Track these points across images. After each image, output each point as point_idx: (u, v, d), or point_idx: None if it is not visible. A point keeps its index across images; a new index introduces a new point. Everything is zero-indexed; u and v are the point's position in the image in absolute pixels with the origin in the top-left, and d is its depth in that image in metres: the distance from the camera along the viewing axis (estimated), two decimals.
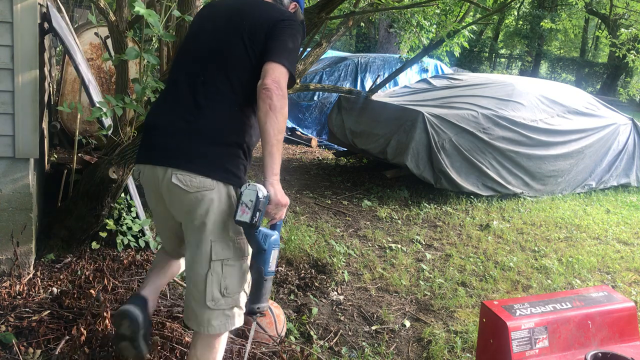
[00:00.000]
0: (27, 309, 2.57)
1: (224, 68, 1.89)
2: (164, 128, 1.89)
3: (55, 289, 2.82)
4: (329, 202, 5.19)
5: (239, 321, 1.91)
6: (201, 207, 1.80)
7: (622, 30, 9.10)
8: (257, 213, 1.71)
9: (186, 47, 2.05)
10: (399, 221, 4.83)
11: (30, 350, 2.29)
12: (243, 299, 1.91)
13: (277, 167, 1.77)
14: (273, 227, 1.87)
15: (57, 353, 2.25)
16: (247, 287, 1.92)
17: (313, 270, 3.59)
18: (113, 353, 2.25)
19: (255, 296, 1.85)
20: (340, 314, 3.11)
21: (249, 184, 1.75)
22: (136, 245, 3.37)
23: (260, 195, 1.71)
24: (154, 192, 1.95)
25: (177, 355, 2.31)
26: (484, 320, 2.20)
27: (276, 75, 1.78)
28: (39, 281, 2.87)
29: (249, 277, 1.91)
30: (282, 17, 1.92)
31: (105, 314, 2.37)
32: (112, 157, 2.99)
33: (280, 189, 1.80)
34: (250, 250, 1.90)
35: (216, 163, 1.81)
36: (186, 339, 2.40)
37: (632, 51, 8.65)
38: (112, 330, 2.34)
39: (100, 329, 2.34)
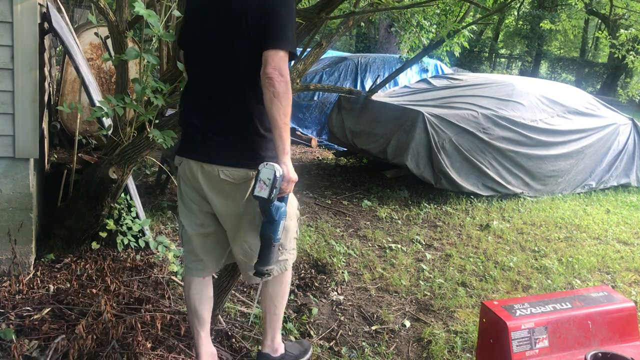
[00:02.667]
0: (28, 308, 2.57)
1: (231, 61, 1.97)
2: (199, 127, 2.04)
3: (54, 288, 2.82)
4: (329, 202, 5.19)
5: (291, 259, 2.23)
6: (243, 193, 2.03)
7: (622, 31, 9.10)
8: (274, 190, 1.90)
9: (191, 41, 2.10)
10: (399, 221, 4.83)
11: (26, 341, 2.29)
12: (289, 243, 2.19)
13: (288, 147, 1.92)
14: (281, 199, 2.02)
15: (52, 350, 2.25)
16: (294, 233, 2.22)
17: (313, 270, 3.59)
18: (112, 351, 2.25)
19: (264, 260, 2.03)
20: (340, 314, 3.11)
21: (266, 164, 1.91)
22: (136, 245, 3.37)
23: (277, 174, 1.90)
24: (192, 183, 2.12)
25: (177, 352, 2.31)
26: (484, 320, 2.20)
27: (276, 62, 1.86)
28: (39, 281, 2.87)
29: (292, 226, 2.18)
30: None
31: (105, 313, 2.37)
32: (112, 157, 2.99)
33: (291, 167, 1.96)
34: (293, 211, 2.17)
35: (252, 154, 2.00)
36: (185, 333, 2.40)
37: (631, 52, 8.66)
38: (112, 327, 2.34)
39: (100, 328, 2.34)
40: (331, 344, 2.78)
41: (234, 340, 2.61)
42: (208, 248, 2.23)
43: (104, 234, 3.30)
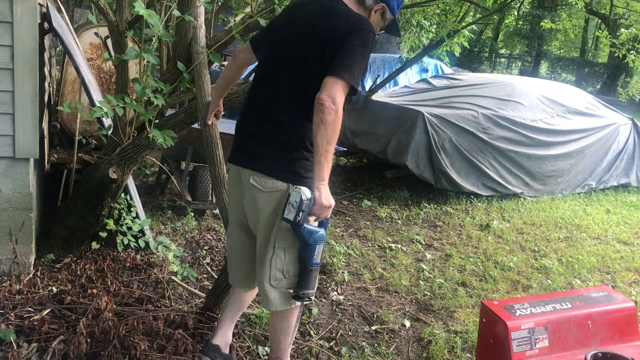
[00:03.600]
0: (28, 308, 2.57)
1: (296, 78, 2.02)
2: (247, 134, 2.14)
3: (55, 289, 2.82)
4: None
5: (298, 301, 2.11)
6: (272, 203, 2.02)
7: (622, 30, 9.10)
8: (301, 213, 1.91)
9: (266, 57, 2.19)
10: (399, 221, 4.83)
11: (26, 344, 2.29)
12: (291, 285, 2.10)
13: (325, 174, 1.92)
14: (320, 224, 2.02)
15: (50, 351, 2.25)
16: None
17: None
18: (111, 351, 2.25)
19: (301, 283, 2.04)
20: (340, 314, 3.11)
21: (295, 187, 1.94)
22: (136, 245, 3.36)
23: (303, 197, 1.90)
24: (235, 193, 2.22)
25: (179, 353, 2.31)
26: (484, 320, 2.20)
27: (332, 90, 1.87)
28: (39, 281, 2.87)
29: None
30: (353, 26, 1.95)
31: (106, 310, 2.37)
32: (112, 157, 2.99)
33: (327, 192, 1.94)
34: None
35: (287, 167, 2.02)
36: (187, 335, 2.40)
37: (632, 51, 8.65)
38: (112, 327, 2.34)
39: (99, 327, 2.34)
40: (331, 344, 2.78)
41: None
42: (244, 257, 2.28)
43: (104, 234, 3.29)
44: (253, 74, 2.97)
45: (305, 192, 1.90)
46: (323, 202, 1.92)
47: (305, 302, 2.13)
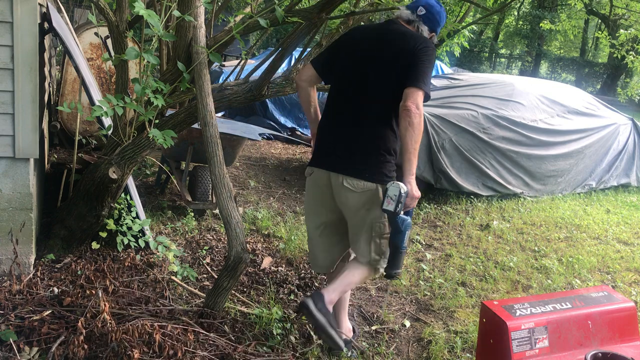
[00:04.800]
0: (28, 309, 2.57)
1: (374, 93, 2.39)
2: (336, 143, 2.47)
3: (55, 289, 2.82)
4: None
5: (383, 265, 2.51)
6: (365, 201, 2.40)
7: (621, 31, 9.10)
8: (399, 204, 2.27)
9: (340, 73, 2.53)
10: None
11: (27, 348, 2.29)
12: (384, 261, 2.52)
13: (414, 169, 2.32)
14: (407, 213, 2.36)
15: (52, 352, 2.25)
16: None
17: (313, 270, 3.59)
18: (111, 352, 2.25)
19: (392, 264, 2.43)
20: None
21: (393, 182, 2.31)
22: (136, 245, 3.36)
23: (402, 191, 2.27)
24: (321, 190, 2.54)
25: (178, 354, 2.31)
26: (484, 320, 2.20)
27: (415, 98, 2.26)
28: (39, 281, 2.87)
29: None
30: (419, 45, 2.36)
31: (104, 312, 2.37)
32: (112, 157, 2.99)
33: (415, 185, 2.33)
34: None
35: (374, 169, 2.39)
36: (186, 338, 2.40)
37: (631, 52, 8.65)
38: (112, 327, 2.34)
39: (99, 327, 2.34)
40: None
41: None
42: (325, 247, 2.63)
43: (104, 234, 3.29)
44: (252, 74, 3.04)
45: (402, 187, 2.27)
46: (414, 194, 2.32)
47: (394, 279, 2.57)
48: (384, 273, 2.49)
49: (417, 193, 2.33)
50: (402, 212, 2.30)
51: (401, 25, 2.49)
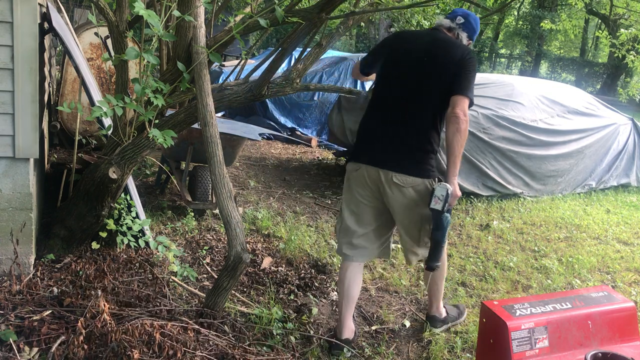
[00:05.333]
0: (28, 309, 2.57)
1: (421, 95, 2.59)
2: (382, 141, 2.64)
3: (55, 289, 2.82)
4: (329, 202, 5.18)
5: (444, 253, 2.77)
6: (413, 195, 2.59)
7: (622, 30, 9.10)
8: (446, 203, 2.48)
9: (389, 73, 2.71)
10: None
11: (27, 349, 2.29)
12: (445, 240, 2.69)
13: (457, 171, 2.55)
14: (448, 211, 2.54)
15: (52, 352, 2.25)
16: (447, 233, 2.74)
17: (313, 270, 3.59)
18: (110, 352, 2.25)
19: (433, 257, 2.62)
20: None
21: (439, 183, 2.52)
22: (136, 245, 3.36)
23: (448, 191, 2.48)
24: (367, 185, 2.68)
25: (177, 354, 2.31)
26: (484, 320, 2.20)
27: (462, 105, 2.49)
28: (39, 281, 2.87)
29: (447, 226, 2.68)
30: (465, 56, 2.57)
31: (104, 312, 2.37)
32: (112, 157, 2.99)
33: (457, 185, 2.55)
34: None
35: (420, 165, 2.59)
36: (186, 338, 2.40)
37: (631, 52, 8.65)
38: (112, 327, 2.34)
39: (99, 327, 2.34)
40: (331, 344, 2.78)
41: None
42: (369, 239, 2.76)
43: (104, 234, 3.29)
44: (252, 74, 3.05)
45: (448, 187, 2.48)
46: (457, 193, 2.54)
47: (434, 270, 2.76)
48: (425, 266, 2.72)
49: (459, 193, 2.56)
50: (447, 210, 2.52)
51: (445, 33, 2.71)
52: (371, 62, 2.86)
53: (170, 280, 3.09)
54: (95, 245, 3.27)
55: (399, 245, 4.22)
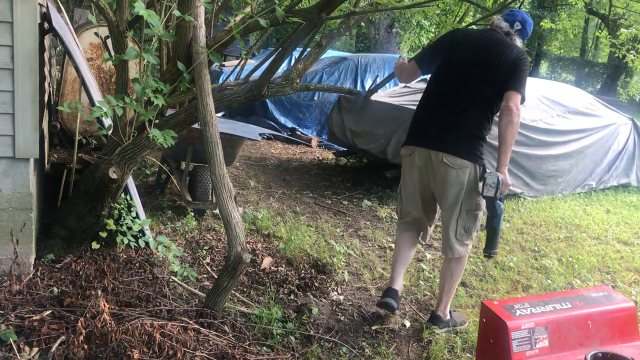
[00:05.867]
0: (28, 309, 2.57)
1: (475, 87, 2.82)
2: (436, 125, 2.88)
3: (55, 289, 2.82)
4: (329, 202, 5.19)
5: (469, 249, 3.00)
6: (459, 177, 2.80)
7: (622, 30, 9.10)
8: (498, 191, 2.68)
9: (446, 68, 2.93)
10: None
11: (27, 349, 2.29)
12: (474, 235, 2.97)
13: (507, 161, 2.75)
14: (500, 199, 2.74)
15: (52, 352, 2.25)
16: (476, 230, 2.97)
17: (313, 270, 3.59)
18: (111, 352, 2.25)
19: (491, 244, 2.85)
20: (340, 314, 3.11)
21: (490, 172, 2.71)
22: (136, 245, 3.36)
23: (499, 179, 2.68)
24: (420, 167, 2.93)
25: (177, 354, 2.31)
26: (484, 320, 2.20)
27: (515, 100, 2.71)
28: (39, 281, 2.87)
29: (478, 223, 2.95)
30: (519, 56, 2.80)
31: (104, 312, 2.37)
32: (112, 157, 2.99)
33: (507, 174, 2.77)
34: (482, 205, 2.89)
35: (470, 150, 2.81)
36: (186, 338, 2.40)
37: (631, 51, 8.65)
38: (112, 327, 2.34)
39: (99, 327, 2.34)
40: (331, 344, 2.78)
41: None
42: (422, 211, 3.06)
43: (104, 234, 3.29)
44: (252, 74, 3.06)
45: (499, 175, 2.68)
46: (508, 182, 2.75)
47: (491, 258, 3.06)
48: (484, 253, 2.91)
49: (509, 181, 2.78)
50: (499, 198, 2.70)
51: (501, 34, 2.91)
52: (428, 59, 3.06)
53: (170, 280, 3.09)
54: (95, 245, 3.27)
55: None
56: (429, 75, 3.14)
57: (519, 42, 2.94)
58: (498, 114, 2.79)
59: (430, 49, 3.16)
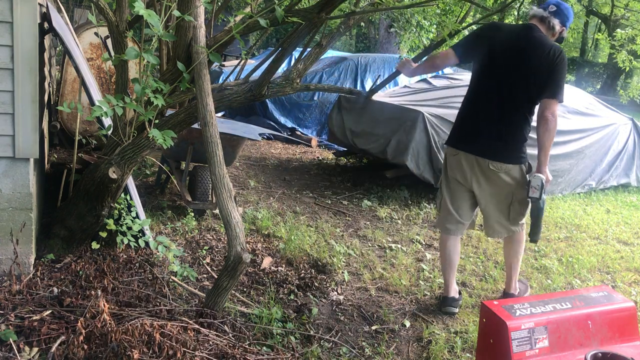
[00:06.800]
0: (28, 309, 2.57)
1: (515, 92, 2.97)
2: (480, 131, 3.05)
3: (55, 289, 2.82)
4: (329, 202, 5.19)
5: (524, 227, 3.24)
6: (507, 179, 3.06)
7: (619, 30, 9.09)
8: (542, 191, 2.98)
9: (486, 68, 3.05)
10: (399, 221, 4.83)
11: (27, 349, 2.29)
12: (523, 219, 3.22)
13: (547, 161, 3.04)
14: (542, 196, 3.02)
15: (52, 352, 2.25)
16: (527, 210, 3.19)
17: (313, 270, 3.59)
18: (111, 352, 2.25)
19: (536, 232, 3.14)
20: (340, 314, 3.11)
21: (534, 175, 3.02)
22: (136, 245, 3.36)
23: (543, 181, 2.98)
24: (462, 169, 3.12)
25: (177, 354, 2.31)
26: (484, 320, 2.20)
27: (552, 108, 2.92)
28: (39, 281, 2.87)
29: (527, 209, 3.17)
30: (558, 57, 2.90)
31: (104, 312, 2.37)
32: (112, 157, 2.99)
33: (548, 172, 3.06)
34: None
35: (514, 154, 3.05)
36: (186, 338, 2.40)
37: (622, 51, 8.62)
38: (112, 327, 2.34)
39: (99, 327, 2.34)
40: (331, 344, 2.78)
41: None
42: (464, 215, 3.22)
43: (104, 234, 3.29)
44: (252, 74, 3.07)
45: (542, 177, 2.98)
46: (550, 178, 3.05)
47: (536, 242, 3.41)
48: (532, 240, 3.20)
49: (550, 177, 3.06)
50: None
51: (539, 31, 2.99)
52: (464, 51, 3.16)
53: (170, 280, 3.09)
54: (95, 245, 3.27)
55: (398, 245, 4.23)
56: (427, 76, 3.28)
57: (558, 25, 3.00)
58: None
59: (470, 42, 3.21)
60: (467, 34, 3.22)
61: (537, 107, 3.02)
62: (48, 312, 2.55)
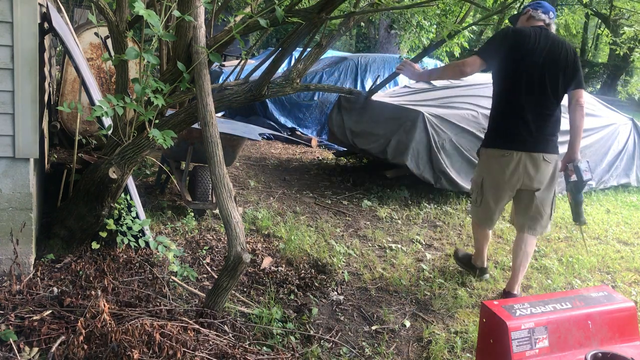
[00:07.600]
0: (28, 309, 2.57)
1: (550, 89, 3.26)
2: (528, 130, 3.28)
3: (55, 289, 2.82)
4: (329, 202, 5.19)
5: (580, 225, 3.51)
6: (553, 169, 3.36)
7: (625, 28, 9.07)
8: (582, 175, 3.26)
9: (517, 71, 3.26)
10: (399, 221, 4.83)
11: (27, 349, 2.29)
12: (552, 216, 3.48)
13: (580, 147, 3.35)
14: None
15: (52, 352, 2.25)
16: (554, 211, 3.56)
17: (313, 270, 3.59)
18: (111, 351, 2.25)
19: (581, 214, 3.37)
20: (340, 314, 3.11)
21: (580, 160, 3.28)
22: (136, 245, 3.36)
23: (583, 167, 3.27)
24: (512, 168, 3.30)
25: (177, 354, 2.31)
26: (484, 320, 2.20)
27: (582, 97, 3.28)
28: (39, 281, 2.87)
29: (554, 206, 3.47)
30: (575, 54, 3.30)
31: (104, 313, 2.37)
32: (112, 157, 2.99)
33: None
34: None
35: (555, 145, 3.37)
36: (186, 338, 2.40)
37: (636, 50, 8.61)
38: (112, 327, 2.34)
39: (99, 327, 2.34)
40: (331, 344, 2.78)
41: None
42: (499, 212, 3.49)
43: (104, 234, 3.29)
44: (252, 74, 3.07)
45: (582, 164, 3.30)
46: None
47: (582, 225, 3.58)
48: (578, 222, 3.40)
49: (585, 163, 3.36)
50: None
51: (551, 30, 3.34)
52: (492, 57, 3.31)
53: (170, 280, 3.10)
54: (95, 245, 3.27)
55: (398, 245, 4.23)
56: (454, 79, 3.61)
57: (554, 30, 3.38)
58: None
59: (497, 47, 3.32)
60: (489, 42, 3.36)
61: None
62: (48, 312, 2.55)
